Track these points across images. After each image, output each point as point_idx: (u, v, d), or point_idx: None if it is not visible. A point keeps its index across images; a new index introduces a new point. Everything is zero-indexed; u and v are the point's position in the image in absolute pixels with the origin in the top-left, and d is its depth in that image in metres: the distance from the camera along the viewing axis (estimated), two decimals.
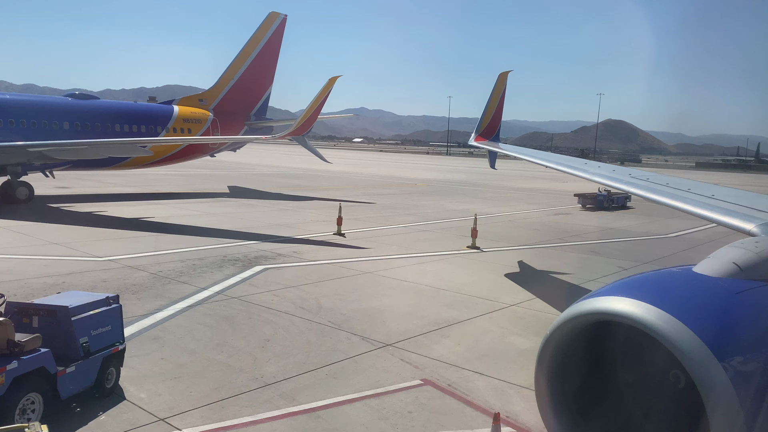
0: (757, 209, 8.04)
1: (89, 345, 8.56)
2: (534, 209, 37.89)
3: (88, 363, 8.49)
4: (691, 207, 9.18)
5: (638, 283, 4.54)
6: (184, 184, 44.67)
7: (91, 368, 8.54)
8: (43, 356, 7.72)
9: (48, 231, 22.53)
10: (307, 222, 27.59)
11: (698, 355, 3.73)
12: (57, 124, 33.45)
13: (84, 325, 8.54)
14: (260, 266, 17.88)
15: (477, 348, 11.81)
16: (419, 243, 23.30)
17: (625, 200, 40.45)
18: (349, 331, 12.34)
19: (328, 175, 59.93)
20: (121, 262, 17.48)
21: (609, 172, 13.22)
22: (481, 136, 22.83)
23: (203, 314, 13.02)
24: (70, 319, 8.35)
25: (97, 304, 8.96)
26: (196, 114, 41.03)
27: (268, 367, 10.23)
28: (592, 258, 21.94)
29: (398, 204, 37.14)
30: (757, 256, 4.82)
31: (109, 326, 9.05)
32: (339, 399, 9.14)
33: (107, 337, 8.96)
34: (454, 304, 14.83)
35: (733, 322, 4.13)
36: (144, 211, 28.50)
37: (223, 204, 33.94)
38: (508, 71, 23.69)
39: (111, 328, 9.08)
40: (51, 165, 32.11)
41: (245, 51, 43.65)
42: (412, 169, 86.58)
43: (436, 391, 9.60)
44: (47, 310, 8.40)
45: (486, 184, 58.09)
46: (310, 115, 30.49)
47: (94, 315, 8.77)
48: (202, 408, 8.66)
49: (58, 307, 8.40)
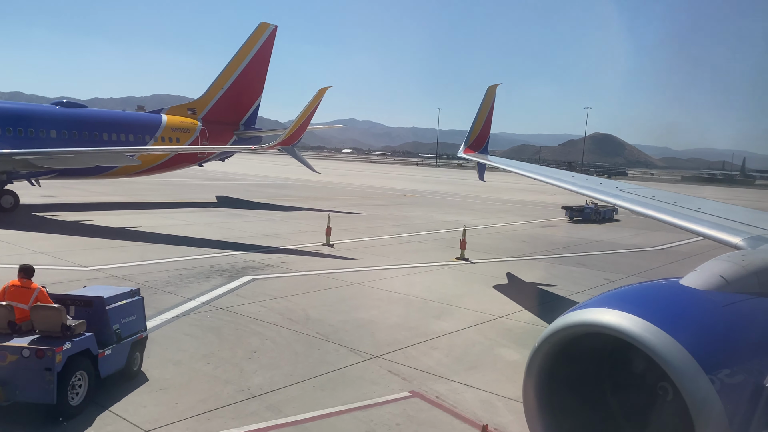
0: (743, 223, 8.12)
1: (120, 331, 9.64)
2: (522, 221, 38.06)
3: (120, 347, 9.55)
4: (678, 220, 9.25)
5: (625, 295, 4.55)
6: (172, 194, 44.45)
7: (122, 352, 9.59)
8: (88, 339, 8.84)
9: (33, 240, 22.30)
10: (296, 232, 27.52)
11: (686, 367, 3.74)
12: (44, 132, 33.20)
13: (116, 314, 9.65)
14: (248, 277, 17.79)
15: (465, 360, 11.80)
16: (408, 254, 23.30)
17: (612, 213, 40.75)
18: (337, 343, 12.28)
19: (317, 186, 59.89)
20: (107, 272, 17.33)
21: (596, 185, 13.32)
22: (469, 149, 22.94)
23: (189, 325, 12.92)
24: (105, 308, 9.46)
25: (125, 295, 10.07)
26: (184, 123, 40.90)
27: (255, 379, 10.16)
28: (580, 270, 22.04)
29: (387, 215, 37.16)
30: (743, 270, 4.86)
31: (134, 315, 10.19)
32: (326, 411, 9.08)
33: (133, 325, 10.08)
34: (443, 315, 14.82)
35: (721, 334, 4.15)
36: (131, 221, 28.31)
37: (211, 214, 33.79)
38: (496, 84, 23.88)
39: (136, 317, 10.21)
40: (37, 173, 31.82)
41: (235, 61, 43.66)
42: (401, 180, 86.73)
43: (425, 403, 9.56)
44: (84, 301, 9.51)
45: (475, 195, 58.30)
46: (299, 125, 30.50)
47: (123, 305, 9.90)
48: (188, 420, 8.56)
49: (94, 298, 9.54)
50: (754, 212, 8.84)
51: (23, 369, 8.11)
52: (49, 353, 8.10)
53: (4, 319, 8.64)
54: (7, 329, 8.62)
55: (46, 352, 8.10)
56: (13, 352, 8.17)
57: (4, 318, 8.64)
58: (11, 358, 8.15)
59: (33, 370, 8.09)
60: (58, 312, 8.55)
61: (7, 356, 8.16)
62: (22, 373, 8.11)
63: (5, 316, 8.64)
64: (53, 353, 8.10)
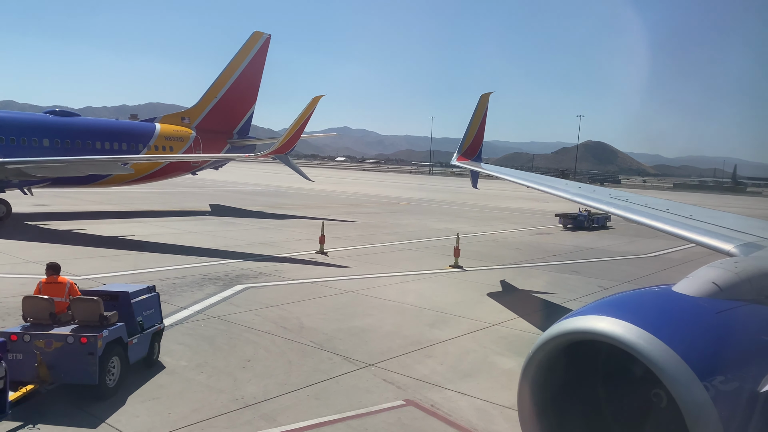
0: (735, 230, 8.16)
1: (143, 323, 10.70)
2: (516, 229, 38.12)
3: (144, 337, 10.58)
4: (670, 227, 9.29)
5: (619, 302, 4.57)
6: (165, 202, 44.32)
7: (145, 342, 10.63)
8: (121, 329, 9.89)
9: (25, 249, 22.16)
10: (290, 240, 27.47)
11: (680, 374, 3.75)
12: (36, 140, 33.05)
13: (139, 307, 10.72)
14: (241, 285, 17.73)
15: (460, 368, 11.78)
16: (402, 262, 23.29)
17: (605, 220, 40.86)
18: (331, 351, 12.24)
19: (310, 194, 59.85)
20: (100, 281, 17.22)
21: (589, 193, 13.37)
22: (463, 156, 23.00)
23: (183, 334, 12.85)
24: (131, 301, 10.51)
25: (144, 291, 11.16)
26: (178, 132, 40.84)
27: (249, 388, 10.10)
28: (573, 277, 22.08)
29: (381, 223, 37.15)
30: (736, 276, 4.88)
31: (153, 309, 11.24)
32: (321, 420, 9.03)
33: (153, 318, 11.15)
34: (437, 323, 14.80)
35: (714, 341, 4.16)
36: (124, 230, 28.19)
37: (205, 222, 33.69)
38: (489, 92, 24.01)
39: (154, 311, 11.28)
40: (30, 182, 31.66)
41: (229, 69, 43.68)
42: (394, 188, 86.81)
43: (419, 412, 9.53)
44: (111, 295, 10.48)
45: (468, 203, 58.38)
46: (293, 133, 30.50)
47: (144, 299, 10.99)
48: (181, 429, 8.51)
49: (120, 293, 10.59)
50: (746, 219, 8.90)
51: (68, 354, 9.16)
52: (91, 339, 9.17)
53: (45, 311, 9.66)
54: (48, 320, 9.65)
55: (89, 339, 9.17)
56: (59, 340, 9.21)
57: (46, 310, 9.67)
58: (56, 344, 9.19)
59: (77, 355, 9.15)
60: (96, 304, 9.60)
61: (53, 343, 9.19)
62: (67, 358, 9.16)
63: (47, 309, 9.67)
64: (95, 339, 9.18)
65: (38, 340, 9.21)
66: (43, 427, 8.38)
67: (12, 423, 8.38)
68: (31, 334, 9.26)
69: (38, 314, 9.69)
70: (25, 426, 8.37)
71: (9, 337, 9.23)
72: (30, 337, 9.23)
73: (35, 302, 9.75)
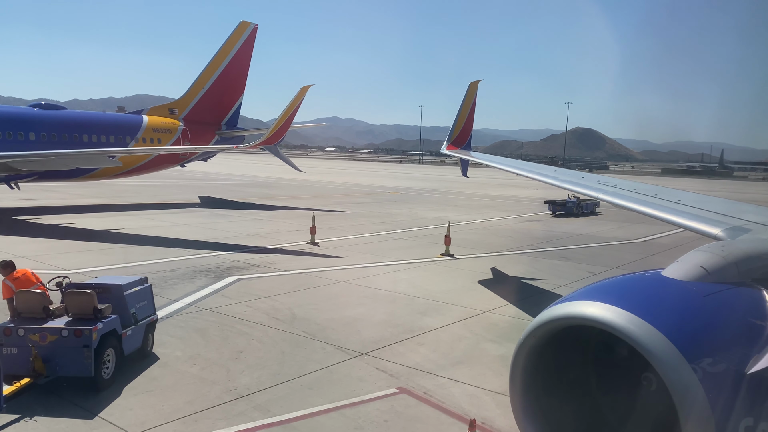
0: (722, 214, 8.24)
1: (136, 314, 10.70)
2: (506, 216, 38.26)
3: (137, 329, 10.62)
4: (658, 212, 9.36)
5: (608, 287, 4.61)
6: (154, 195, 44.06)
7: (139, 333, 10.68)
8: (115, 321, 9.94)
9: (14, 244, 21.99)
10: (280, 231, 27.43)
11: (669, 357, 3.80)
12: (22, 134, 32.66)
13: (132, 299, 10.68)
14: (233, 277, 17.71)
15: (452, 355, 11.85)
16: (393, 251, 23.34)
17: (594, 207, 41.09)
18: (323, 341, 12.28)
19: (300, 184, 59.70)
20: (90, 275, 17.13)
21: (578, 179, 13.43)
22: (452, 145, 23.03)
23: (175, 326, 12.84)
24: (124, 293, 10.46)
25: (136, 283, 11.11)
26: (166, 124, 40.53)
27: (242, 379, 10.13)
28: (563, 264, 22.22)
29: (372, 212, 37.16)
30: (723, 260, 4.94)
31: (146, 301, 11.23)
32: (314, 410, 9.08)
33: (146, 310, 11.15)
34: (429, 311, 14.88)
35: (702, 324, 4.22)
36: (113, 223, 28.03)
37: (194, 214, 33.55)
38: (478, 81, 23.98)
39: (147, 302, 11.26)
40: (16, 176, 31.34)
41: (216, 60, 43.32)
42: (384, 177, 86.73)
43: (412, 399, 9.60)
44: (103, 288, 10.38)
45: (458, 191, 58.47)
46: (282, 124, 30.34)
47: (137, 291, 10.95)
48: (175, 422, 8.52)
49: (113, 285, 10.52)
50: (732, 203, 8.98)
51: (63, 347, 9.22)
52: (86, 332, 9.21)
53: (39, 304, 9.69)
54: (42, 314, 9.67)
55: (84, 331, 9.21)
56: (53, 333, 9.27)
57: (39, 304, 9.70)
58: (51, 338, 9.24)
59: (72, 347, 9.20)
60: (90, 297, 9.61)
61: (47, 336, 9.25)
62: (62, 351, 9.22)
63: (40, 302, 9.71)
64: (90, 332, 9.22)
65: (32, 334, 9.25)
66: (38, 420, 8.36)
67: (8, 416, 8.37)
68: (25, 328, 9.30)
69: (31, 308, 9.70)
70: (22, 419, 8.37)
71: (3, 332, 9.27)
72: (24, 331, 9.27)
73: (28, 296, 9.76)
